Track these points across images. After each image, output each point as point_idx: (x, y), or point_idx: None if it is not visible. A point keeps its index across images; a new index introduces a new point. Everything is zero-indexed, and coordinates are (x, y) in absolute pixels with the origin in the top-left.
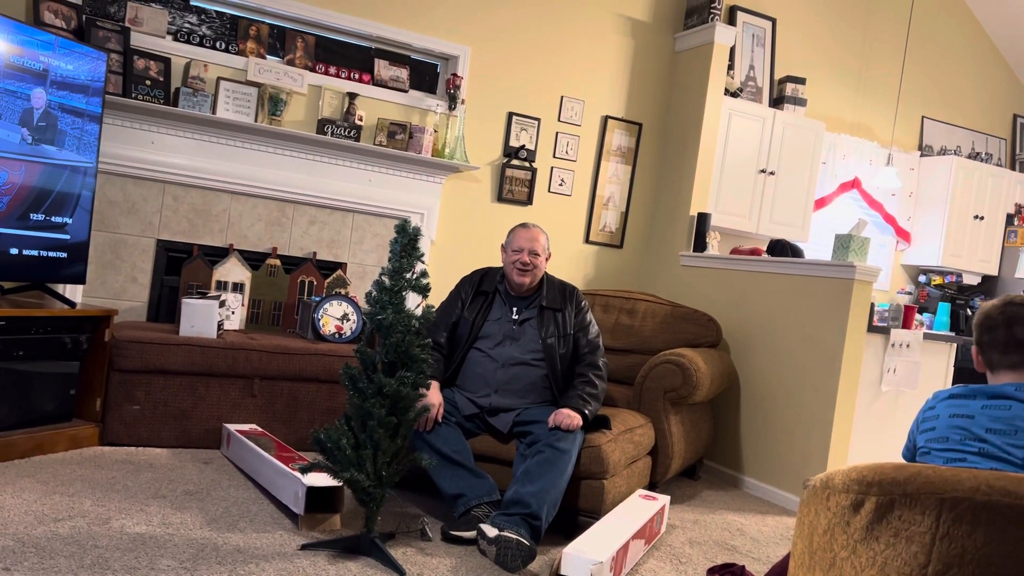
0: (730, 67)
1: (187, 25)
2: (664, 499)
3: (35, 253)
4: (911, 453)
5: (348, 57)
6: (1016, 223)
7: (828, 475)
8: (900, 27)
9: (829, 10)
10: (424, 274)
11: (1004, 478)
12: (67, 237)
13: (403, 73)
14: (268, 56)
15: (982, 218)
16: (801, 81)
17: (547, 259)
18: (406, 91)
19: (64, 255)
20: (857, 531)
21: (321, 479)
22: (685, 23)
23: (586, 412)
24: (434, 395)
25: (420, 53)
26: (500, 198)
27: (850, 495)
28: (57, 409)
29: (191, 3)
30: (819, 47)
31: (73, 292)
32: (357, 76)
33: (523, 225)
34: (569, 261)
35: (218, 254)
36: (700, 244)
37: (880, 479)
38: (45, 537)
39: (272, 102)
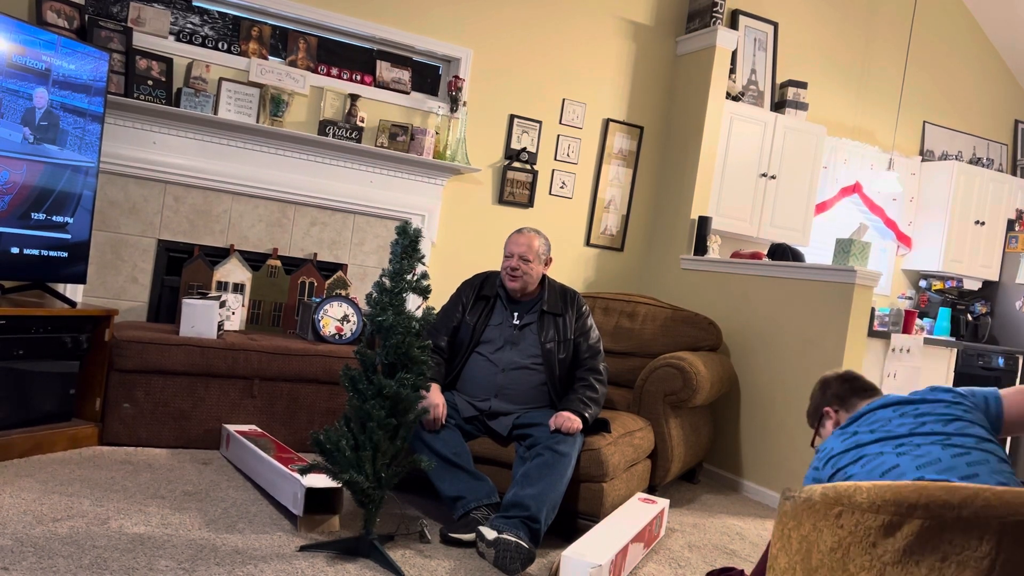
0: (732, 71)
1: (189, 26)
2: (663, 502)
3: (36, 252)
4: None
5: (350, 59)
6: (1017, 228)
7: (837, 490)
8: (902, 31)
9: (831, 14)
10: (425, 276)
11: None
12: (68, 237)
13: (405, 75)
14: (270, 57)
15: (983, 223)
16: (803, 85)
17: (548, 263)
18: (408, 93)
19: (65, 255)
20: (889, 554)
21: (320, 480)
22: (687, 27)
23: (586, 415)
24: (436, 396)
25: (422, 55)
26: (501, 200)
27: (881, 515)
28: (56, 409)
29: (193, 4)
30: (821, 51)
31: (73, 292)
32: (359, 77)
33: (518, 230)
34: (570, 264)
35: (219, 255)
36: (701, 247)
37: (928, 501)
38: (43, 537)
39: (274, 103)
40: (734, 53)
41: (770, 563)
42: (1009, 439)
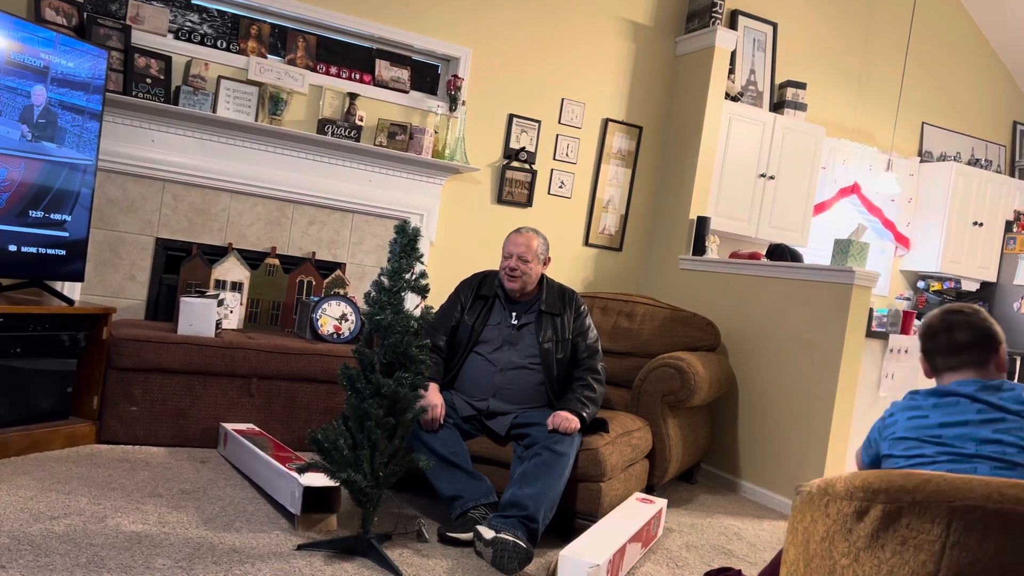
0: (731, 71)
1: (188, 23)
2: (661, 502)
3: (34, 250)
4: (873, 460)
5: (349, 57)
6: (1015, 230)
7: (828, 481)
8: (901, 32)
9: (830, 15)
10: (423, 275)
11: (1016, 486)
12: (66, 234)
13: (404, 74)
14: (269, 55)
15: (981, 224)
16: (802, 86)
17: (546, 263)
18: (407, 92)
19: (63, 252)
20: (861, 539)
21: (318, 479)
22: (686, 27)
23: (584, 415)
24: (435, 396)
25: (421, 54)
26: (500, 200)
27: (854, 502)
28: (54, 407)
29: (192, 2)
30: (820, 52)
31: (71, 290)
32: (358, 76)
33: (517, 230)
34: (568, 263)
35: (217, 253)
36: (699, 248)
37: (887, 487)
38: (41, 535)
39: (273, 102)
40: (733, 53)
41: (783, 556)
42: None
